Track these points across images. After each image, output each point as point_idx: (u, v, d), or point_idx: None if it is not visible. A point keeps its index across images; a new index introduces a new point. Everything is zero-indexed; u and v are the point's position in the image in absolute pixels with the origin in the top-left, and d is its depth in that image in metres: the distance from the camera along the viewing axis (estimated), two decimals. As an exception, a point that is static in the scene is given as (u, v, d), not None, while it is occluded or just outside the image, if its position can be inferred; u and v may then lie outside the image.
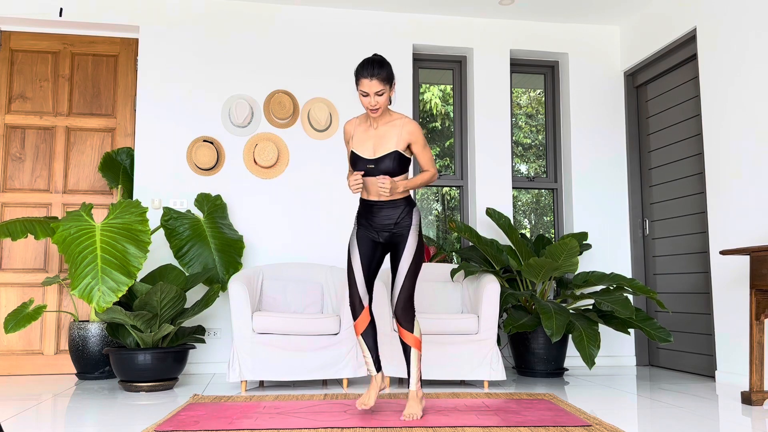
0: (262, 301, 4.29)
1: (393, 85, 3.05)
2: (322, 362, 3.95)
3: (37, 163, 4.88)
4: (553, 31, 5.46)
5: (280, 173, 4.98)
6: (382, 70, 2.98)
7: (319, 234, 4.98)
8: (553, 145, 5.56)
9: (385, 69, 2.99)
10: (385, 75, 2.98)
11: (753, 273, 3.50)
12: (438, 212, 5.50)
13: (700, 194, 4.68)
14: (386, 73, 2.99)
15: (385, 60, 3.05)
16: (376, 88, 2.97)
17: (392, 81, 3.04)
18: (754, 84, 4.05)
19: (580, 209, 5.33)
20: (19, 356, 4.70)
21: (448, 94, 5.53)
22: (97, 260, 3.61)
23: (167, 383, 3.96)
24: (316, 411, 3.17)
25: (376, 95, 2.99)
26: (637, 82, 5.40)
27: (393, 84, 3.05)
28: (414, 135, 3.06)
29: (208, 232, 4.47)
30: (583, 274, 4.65)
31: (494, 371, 3.97)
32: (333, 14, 5.19)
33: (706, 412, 3.21)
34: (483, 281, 4.14)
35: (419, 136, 3.08)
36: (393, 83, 3.05)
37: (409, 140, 3.07)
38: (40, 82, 4.94)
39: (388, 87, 3.01)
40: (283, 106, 4.99)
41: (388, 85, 3.01)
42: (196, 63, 4.97)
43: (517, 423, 2.88)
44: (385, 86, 2.99)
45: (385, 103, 3.04)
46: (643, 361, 5.26)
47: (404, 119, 3.10)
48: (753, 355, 3.47)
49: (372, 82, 2.96)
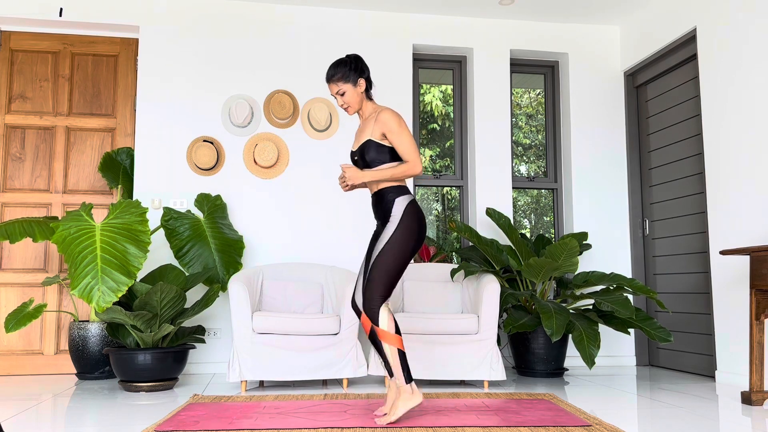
0: (262, 301, 4.29)
1: (359, 80, 3.06)
2: (322, 362, 3.95)
3: (37, 163, 4.88)
4: (553, 31, 5.46)
5: (280, 173, 4.98)
6: (337, 70, 3.05)
7: (319, 234, 4.98)
8: (553, 145, 5.56)
9: (341, 68, 3.05)
10: (340, 75, 3.04)
11: (753, 273, 3.49)
12: (438, 212, 5.50)
13: (700, 194, 4.68)
14: (342, 73, 3.04)
15: (345, 58, 3.08)
16: (335, 89, 3.06)
17: (354, 77, 3.05)
18: (754, 84, 4.05)
19: (580, 209, 5.33)
20: (19, 356, 4.70)
21: (448, 95, 5.53)
22: (97, 260, 3.61)
23: (167, 383, 3.96)
24: (316, 411, 3.17)
25: (339, 96, 3.07)
26: (637, 82, 5.40)
27: (358, 79, 3.06)
28: (386, 123, 2.98)
29: (208, 232, 4.47)
30: (583, 274, 4.65)
31: (494, 371, 3.96)
32: (333, 14, 5.19)
33: (706, 412, 3.21)
34: (483, 281, 4.14)
35: (391, 124, 2.97)
36: (357, 78, 3.05)
37: (381, 129, 3.00)
38: (40, 82, 4.94)
39: (350, 84, 3.05)
40: (283, 106, 4.99)
41: (349, 83, 3.05)
42: (196, 63, 4.97)
43: (517, 423, 2.88)
44: (345, 84, 3.04)
45: (354, 100, 3.07)
46: (643, 361, 5.26)
47: (380, 109, 3.06)
48: (753, 355, 3.47)
49: (331, 86, 3.07)
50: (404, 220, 2.96)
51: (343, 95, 3.07)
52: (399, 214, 2.97)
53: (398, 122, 2.99)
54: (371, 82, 3.16)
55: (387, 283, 2.93)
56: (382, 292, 2.92)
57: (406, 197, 3.02)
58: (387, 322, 2.90)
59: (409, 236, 2.96)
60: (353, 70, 3.06)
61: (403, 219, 2.96)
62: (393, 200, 3.01)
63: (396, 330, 2.92)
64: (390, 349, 2.90)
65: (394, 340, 2.90)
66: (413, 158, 2.99)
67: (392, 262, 2.93)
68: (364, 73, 3.08)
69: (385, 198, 3.03)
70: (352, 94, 3.07)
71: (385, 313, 2.91)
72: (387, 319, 2.91)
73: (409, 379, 2.90)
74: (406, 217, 2.97)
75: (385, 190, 3.03)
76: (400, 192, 3.03)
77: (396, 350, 2.90)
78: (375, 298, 2.91)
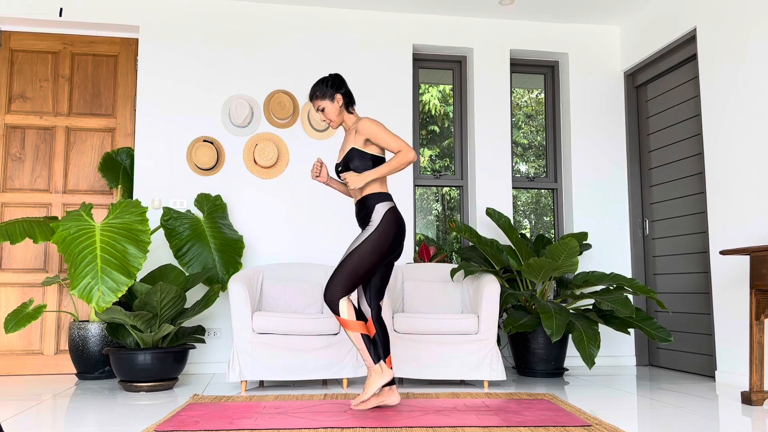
0: (262, 301, 4.29)
1: (336, 95, 3.27)
2: (322, 362, 3.95)
3: (37, 163, 4.88)
4: (553, 31, 5.46)
5: (280, 173, 4.98)
6: (317, 88, 3.29)
7: (319, 234, 4.98)
8: (553, 145, 5.56)
9: (320, 87, 3.29)
10: (320, 92, 3.28)
11: (753, 273, 3.50)
12: (438, 212, 5.50)
13: (700, 194, 4.68)
14: (321, 90, 3.28)
15: (325, 77, 3.34)
16: (317, 106, 3.31)
17: (331, 93, 3.26)
18: (754, 84, 4.05)
19: (580, 209, 5.33)
20: (19, 356, 4.70)
21: (448, 94, 5.53)
22: (97, 260, 3.61)
23: (167, 383, 3.96)
24: (316, 411, 3.17)
25: (320, 112, 3.31)
26: (637, 82, 5.40)
27: (335, 94, 3.27)
28: (366, 129, 3.18)
29: (207, 232, 4.47)
30: (583, 274, 4.65)
31: (494, 371, 3.97)
32: (333, 14, 5.19)
33: (706, 412, 3.21)
34: (483, 281, 4.14)
35: (371, 129, 3.17)
36: (335, 94, 3.27)
37: (363, 136, 3.19)
38: (40, 82, 4.94)
39: (328, 100, 3.27)
40: (283, 106, 4.99)
41: (326, 99, 3.27)
42: (196, 63, 4.97)
43: (517, 423, 2.88)
44: (324, 101, 3.27)
45: (333, 114, 3.29)
46: (643, 361, 5.26)
47: (359, 119, 3.27)
48: (753, 355, 3.47)
49: (313, 103, 3.32)
50: (382, 224, 3.15)
51: (323, 111, 3.30)
52: (378, 219, 3.16)
53: (375, 125, 3.18)
54: (351, 98, 3.35)
55: (351, 281, 3.12)
56: (345, 288, 3.12)
57: (387, 203, 3.21)
58: (347, 311, 3.11)
59: (383, 241, 3.14)
60: (330, 87, 3.28)
61: (381, 224, 3.15)
62: (374, 205, 3.20)
63: (359, 316, 3.15)
64: (353, 335, 3.13)
65: (356, 326, 3.12)
66: (403, 147, 3.16)
67: (361, 262, 3.12)
68: (341, 89, 3.30)
69: (368, 203, 3.22)
70: (331, 109, 3.29)
71: (345, 303, 3.12)
72: (347, 308, 3.12)
73: (376, 359, 3.14)
74: (385, 223, 3.15)
75: (368, 197, 3.22)
76: (382, 198, 3.21)
77: (359, 335, 3.13)
78: (337, 292, 3.11)
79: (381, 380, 3.12)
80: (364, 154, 3.21)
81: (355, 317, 3.14)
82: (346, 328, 3.12)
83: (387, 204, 3.19)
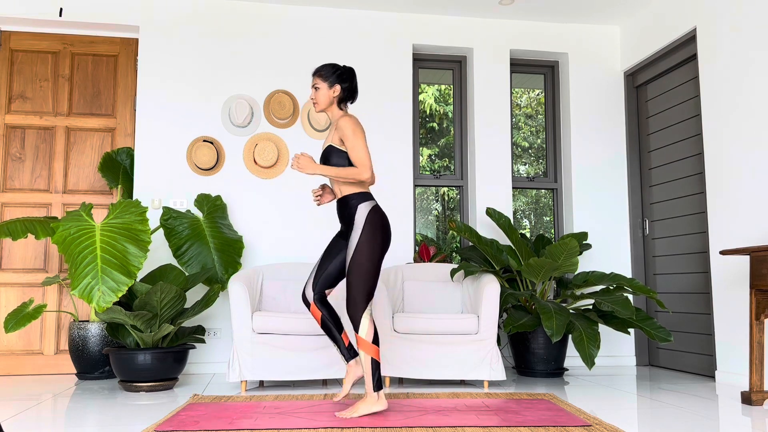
0: (262, 301, 4.29)
1: (335, 85, 3.24)
2: (322, 362, 3.95)
3: (37, 163, 4.88)
4: (553, 31, 5.46)
5: (280, 173, 4.98)
6: (323, 68, 3.27)
7: (319, 234, 4.98)
8: (553, 145, 5.56)
9: (327, 68, 3.26)
10: (323, 73, 3.25)
11: (753, 273, 3.50)
12: (438, 212, 5.50)
13: (700, 194, 4.68)
14: (326, 72, 3.25)
15: (338, 64, 3.29)
16: (313, 83, 3.27)
17: (333, 80, 3.24)
18: (754, 84, 4.05)
19: (580, 209, 5.33)
20: (19, 356, 4.70)
21: (446, 94, 5.53)
22: (97, 260, 3.61)
23: (167, 383, 3.96)
24: (316, 411, 3.17)
25: (313, 89, 3.27)
26: (637, 82, 5.40)
27: (335, 84, 3.24)
28: (342, 129, 3.14)
29: (207, 231, 4.47)
30: (583, 274, 4.65)
31: (494, 371, 3.97)
32: (333, 14, 5.19)
33: (706, 412, 3.21)
34: (483, 281, 4.14)
35: (346, 130, 3.12)
36: (334, 83, 3.24)
37: (339, 134, 3.17)
38: (40, 82, 4.94)
39: (326, 84, 3.23)
40: (283, 106, 4.99)
41: (326, 83, 3.23)
42: (196, 63, 4.97)
43: (517, 423, 2.88)
44: (322, 82, 3.23)
45: (323, 99, 3.26)
46: (643, 361, 5.26)
47: (342, 116, 3.22)
48: (753, 355, 3.47)
49: (313, 78, 3.29)
50: (367, 225, 3.12)
51: (316, 90, 3.26)
52: (362, 220, 3.13)
53: (353, 129, 3.13)
54: (352, 97, 3.31)
55: (366, 285, 3.07)
56: (364, 294, 3.07)
57: (368, 203, 3.18)
58: (367, 331, 3.05)
59: (373, 238, 3.11)
60: (335, 75, 3.26)
61: (366, 224, 3.12)
62: (356, 206, 3.17)
63: (374, 340, 3.06)
64: (365, 357, 3.06)
65: (371, 350, 3.05)
66: (362, 164, 3.11)
67: (365, 263, 3.07)
68: (344, 82, 3.27)
69: (348, 204, 3.19)
70: (324, 94, 3.25)
71: (366, 322, 3.05)
72: (368, 328, 3.05)
73: (378, 388, 3.07)
74: (369, 223, 3.12)
75: (348, 197, 3.20)
76: (362, 198, 3.18)
77: (370, 359, 3.05)
78: (358, 301, 3.06)
79: (374, 408, 3.05)
80: (341, 152, 3.17)
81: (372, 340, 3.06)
82: (361, 348, 3.05)
83: (368, 204, 3.17)
